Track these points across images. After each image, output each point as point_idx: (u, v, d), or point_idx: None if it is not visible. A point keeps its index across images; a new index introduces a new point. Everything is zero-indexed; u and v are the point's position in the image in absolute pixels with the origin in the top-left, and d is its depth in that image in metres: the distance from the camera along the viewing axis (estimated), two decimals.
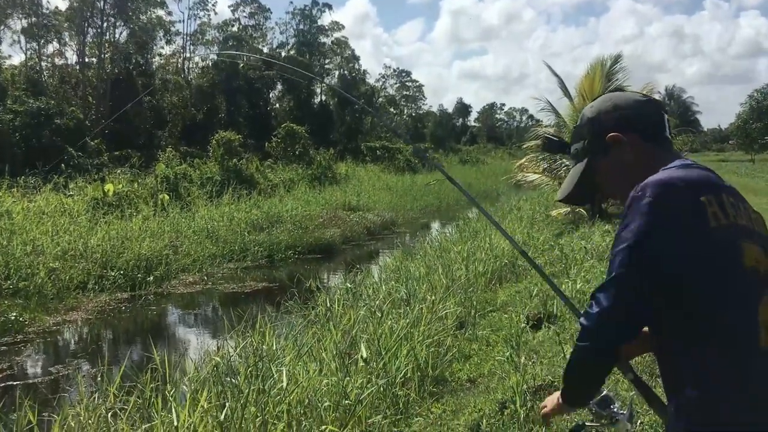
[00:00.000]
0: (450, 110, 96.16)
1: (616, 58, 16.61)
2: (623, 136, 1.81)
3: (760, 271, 1.62)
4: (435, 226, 24.25)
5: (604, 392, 1.91)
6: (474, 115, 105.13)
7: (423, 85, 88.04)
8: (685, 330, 1.59)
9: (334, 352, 5.74)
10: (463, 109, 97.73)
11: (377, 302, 7.81)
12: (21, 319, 10.07)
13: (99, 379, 5.99)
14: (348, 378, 5.03)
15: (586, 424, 1.93)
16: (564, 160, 16.91)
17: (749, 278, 1.60)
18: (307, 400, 4.70)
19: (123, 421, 4.87)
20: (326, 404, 4.70)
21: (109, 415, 5.01)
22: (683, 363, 1.59)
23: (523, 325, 7.04)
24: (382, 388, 5.15)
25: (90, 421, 5.02)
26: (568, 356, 1.77)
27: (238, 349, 5.85)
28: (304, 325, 7.50)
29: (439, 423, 4.87)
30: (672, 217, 1.60)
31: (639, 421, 3.86)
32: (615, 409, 1.89)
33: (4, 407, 6.27)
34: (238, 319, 7.40)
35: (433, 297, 7.85)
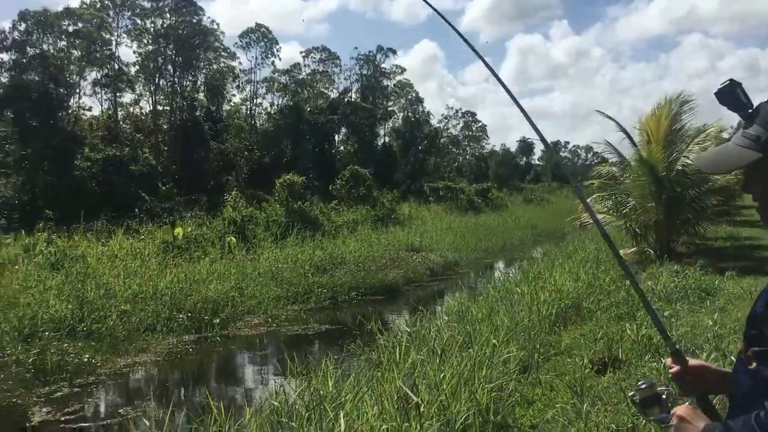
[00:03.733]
0: (513, 149, 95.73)
1: (683, 102, 16.25)
2: None
3: None
4: (499, 266, 23.99)
5: (655, 389, 1.89)
6: (537, 153, 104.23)
7: (486, 126, 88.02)
8: None
9: (395, 397, 5.70)
10: (526, 147, 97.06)
11: (438, 344, 7.74)
12: (93, 360, 10.41)
13: (165, 422, 6.09)
14: (407, 423, 4.99)
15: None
16: (630, 198, 16.57)
17: None
18: None
19: None
20: None
21: None
22: None
23: (587, 370, 6.87)
24: None
25: None
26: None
27: (298, 392, 5.88)
28: (366, 368, 7.50)
29: None
30: None
31: None
32: (663, 416, 1.86)
33: None
34: (300, 361, 7.47)
35: (495, 340, 7.74)
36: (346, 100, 58.84)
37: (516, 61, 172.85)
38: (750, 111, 1.72)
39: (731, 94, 1.75)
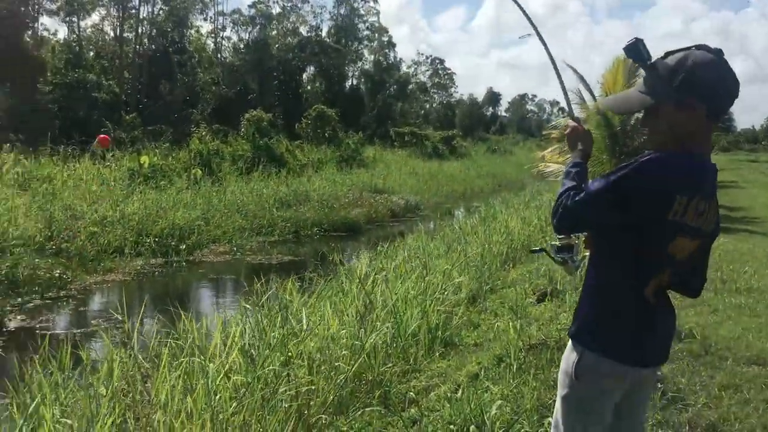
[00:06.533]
0: (480, 99, 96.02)
1: None
2: (698, 107, 2.08)
3: (676, 257, 2.14)
4: (459, 211, 24.67)
5: (571, 241, 2.45)
6: (504, 105, 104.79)
7: (455, 74, 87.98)
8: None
9: (354, 312, 6.24)
10: (492, 98, 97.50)
11: (395, 273, 8.31)
12: (64, 276, 10.81)
13: (136, 331, 6.47)
14: (363, 330, 5.58)
15: (546, 251, 2.50)
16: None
17: (666, 260, 2.14)
18: (326, 345, 5.25)
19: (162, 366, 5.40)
20: (344, 352, 5.25)
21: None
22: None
23: (529, 299, 7.55)
24: (393, 341, 5.69)
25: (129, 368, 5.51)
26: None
27: (264, 298, 6.36)
28: (328, 291, 8.03)
29: (444, 375, 5.41)
30: (648, 192, 2.05)
31: None
32: (572, 256, 2.44)
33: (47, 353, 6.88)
34: (264, 284, 7.97)
35: (449, 266, 8.37)
36: (315, 38, 58.21)
37: (492, 10, 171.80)
38: (649, 64, 2.20)
39: (636, 50, 2.22)
